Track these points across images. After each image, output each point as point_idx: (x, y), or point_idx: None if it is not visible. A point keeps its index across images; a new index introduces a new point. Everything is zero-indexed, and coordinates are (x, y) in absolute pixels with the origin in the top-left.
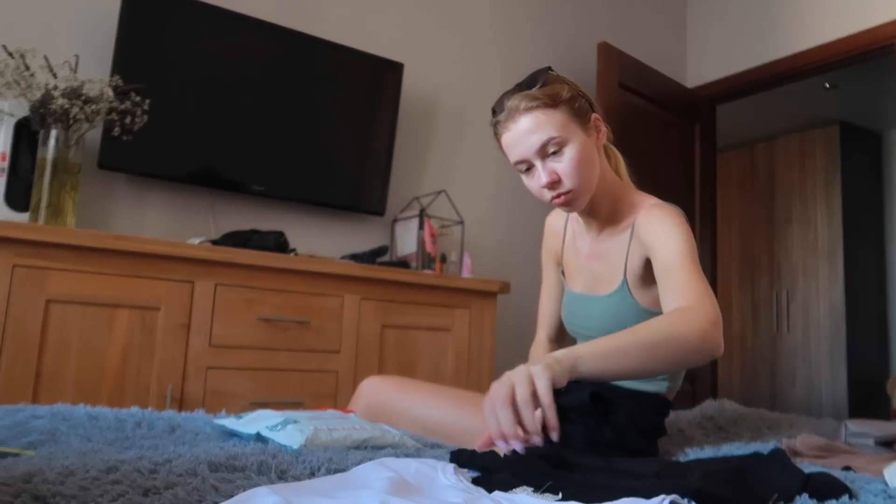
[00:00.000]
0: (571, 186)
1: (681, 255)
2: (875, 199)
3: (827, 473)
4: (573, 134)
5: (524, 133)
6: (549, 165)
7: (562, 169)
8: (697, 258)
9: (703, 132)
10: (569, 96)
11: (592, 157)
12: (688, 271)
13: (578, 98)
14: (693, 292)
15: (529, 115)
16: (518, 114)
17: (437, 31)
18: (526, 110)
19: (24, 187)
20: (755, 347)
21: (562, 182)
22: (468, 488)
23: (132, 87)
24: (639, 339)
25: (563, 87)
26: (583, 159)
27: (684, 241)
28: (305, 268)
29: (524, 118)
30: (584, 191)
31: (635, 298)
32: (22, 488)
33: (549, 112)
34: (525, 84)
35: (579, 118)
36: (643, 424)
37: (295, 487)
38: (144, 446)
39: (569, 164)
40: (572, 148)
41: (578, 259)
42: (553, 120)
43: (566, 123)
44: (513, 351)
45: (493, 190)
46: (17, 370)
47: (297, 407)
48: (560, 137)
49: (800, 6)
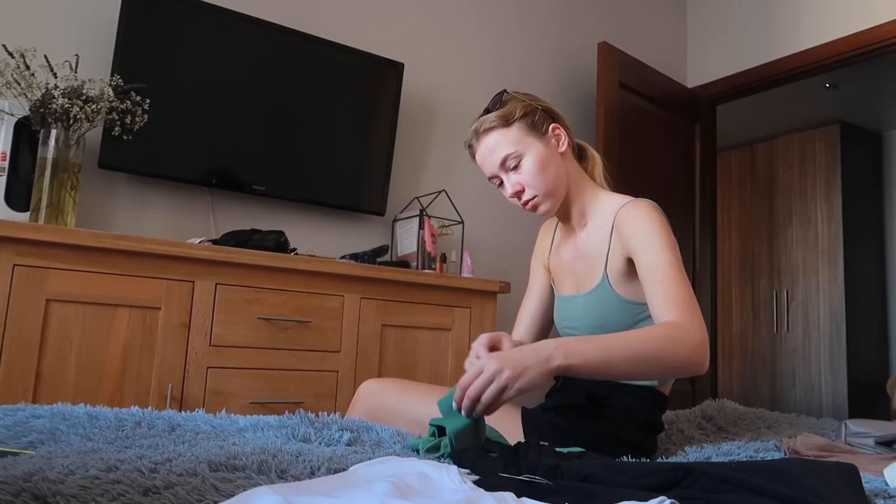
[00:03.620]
0: (535, 193)
1: (665, 264)
2: (875, 199)
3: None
4: (529, 146)
5: (487, 152)
6: (512, 178)
7: (523, 179)
8: (680, 260)
9: (703, 132)
10: (521, 114)
11: (550, 163)
12: (672, 280)
13: (534, 113)
14: (681, 308)
15: (487, 136)
16: (480, 136)
17: (437, 31)
18: (484, 132)
19: (24, 187)
20: (755, 347)
21: (525, 191)
22: (472, 489)
23: (132, 87)
24: (629, 353)
25: (517, 105)
26: (540, 167)
27: (666, 245)
28: (305, 267)
29: (484, 139)
30: (548, 194)
31: (617, 292)
32: (22, 487)
33: (504, 131)
34: (487, 108)
35: (535, 131)
36: (639, 416)
37: (295, 487)
38: (144, 446)
39: (528, 174)
40: (529, 159)
41: (563, 264)
42: (508, 138)
43: (521, 138)
44: None
45: (493, 190)
46: (17, 370)
47: (297, 406)
48: (516, 152)
49: (800, 6)
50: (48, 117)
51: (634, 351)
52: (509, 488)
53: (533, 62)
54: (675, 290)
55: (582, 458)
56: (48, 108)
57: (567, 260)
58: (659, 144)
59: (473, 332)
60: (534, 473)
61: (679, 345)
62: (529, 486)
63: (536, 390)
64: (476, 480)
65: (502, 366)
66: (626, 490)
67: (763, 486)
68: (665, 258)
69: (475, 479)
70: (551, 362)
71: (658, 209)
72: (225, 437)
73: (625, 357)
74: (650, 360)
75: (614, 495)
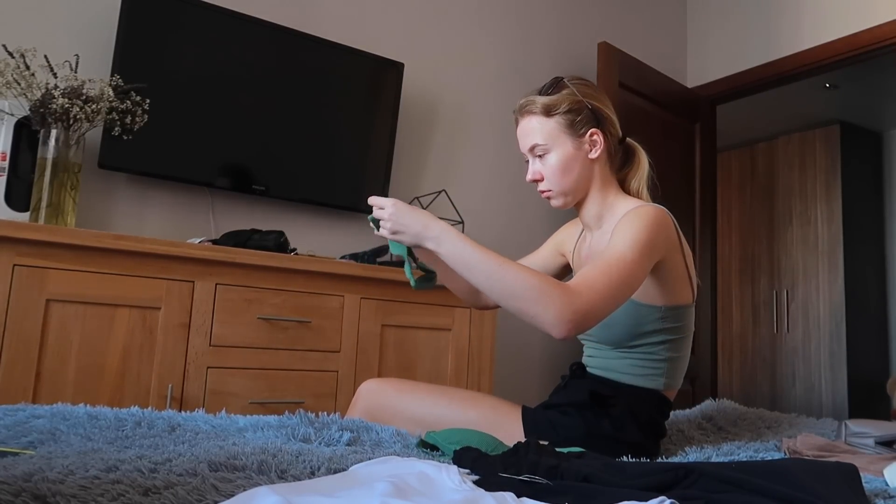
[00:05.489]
0: (549, 187)
1: (616, 252)
2: (875, 199)
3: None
4: (560, 144)
5: (522, 133)
6: (536, 165)
7: (543, 171)
8: (639, 260)
9: (703, 132)
10: (566, 109)
11: (574, 167)
12: (608, 263)
13: (580, 111)
14: (590, 284)
15: (525, 118)
16: (521, 114)
17: (437, 31)
18: (525, 112)
19: (24, 187)
20: (755, 347)
21: (542, 181)
22: (472, 489)
23: (132, 87)
24: (492, 275)
25: (566, 99)
26: (563, 168)
27: (633, 243)
28: (305, 267)
29: (523, 119)
30: (561, 193)
31: None
32: (22, 487)
33: (543, 120)
34: (540, 89)
35: (572, 130)
36: (641, 417)
37: (295, 487)
38: (144, 446)
39: (549, 169)
40: (555, 156)
41: (580, 261)
42: (544, 128)
43: (556, 134)
44: (513, 350)
45: (492, 190)
46: (17, 370)
47: (297, 406)
48: (545, 146)
49: (800, 6)
50: (48, 117)
51: (499, 276)
52: (509, 488)
53: (533, 62)
54: (601, 270)
55: (582, 458)
56: (48, 108)
57: (583, 258)
58: (659, 144)
59: (473, 332)
60: (534, 473)
61: (547, 304)
62: (529, 486)
63: (539, 390)
64: (476, 480)
65: (390, 217)
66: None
67: (763, 486)
68: (620, 250)
69: (475, 479)
70: (424, 242)
71: (658, 215)
72: (225, 437)
73: (486, 275)
74: (507, 294)
75: (614, 495)
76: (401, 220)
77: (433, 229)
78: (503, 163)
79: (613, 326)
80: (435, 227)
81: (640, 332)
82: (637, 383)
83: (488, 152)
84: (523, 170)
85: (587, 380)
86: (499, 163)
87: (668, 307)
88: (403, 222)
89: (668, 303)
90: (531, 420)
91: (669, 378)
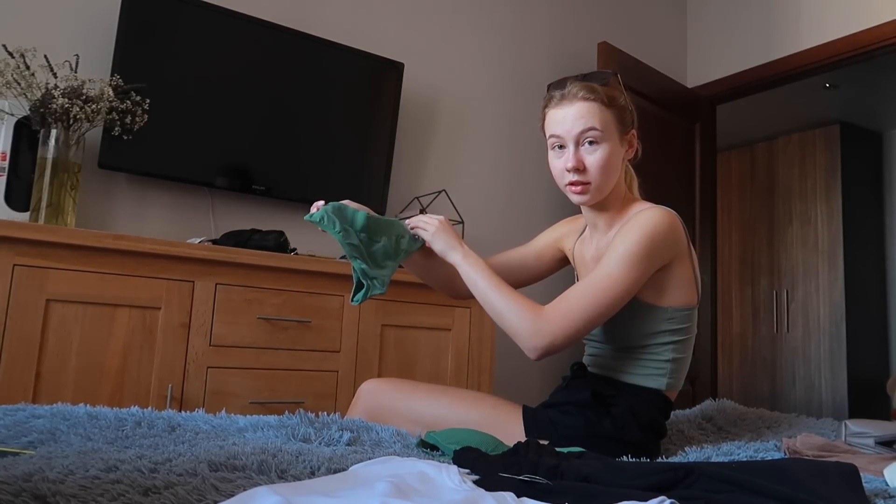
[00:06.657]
0: (590, 180)
1: (604, 276)
2: (875, 199)
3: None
4: (611, 138)
5: (573, 117)
6: (580, 153)
7: (589, 161)
8: (629, 282)
9: (703, 132)
10: (622, 104)
11: (616, 164)
12: (588, 289)
13: (628, 111)
14: (563, 311)
15: (584, 103)
16: (575, 98)
17: (437, 31)
18: (583, 98)
19: (24, 187)
20: (755, 347)
21: (585, 172)
22: (472, 489)
23: (132, 87)
24: (488, 296)
25: (621, 95)
26: (608, 163)
27: (625, 261)
28: (305, 267)
29: (579, 104)
30: (599, 189)
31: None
32: (22, 487)
33: (602, 108)
34: (591, 77)
35: (621, 126)
36: (642, 417)
37: (295, 487)
38: (144, 446)
39: (596, 160)
40: (605, 148)
41: (585, 261)
42: (602, 117)
43: (610, 126)
44: (513, 350)
45: (492, 190)
46: (17, 370)
47: (297, 406)
48: (600, 133)
49: (800, 6)
50: (48, 117)
51: (493, 297)
52: (509, 488)
53: (533, 62)
54: (580, 296)
55: (582, 458)
56: (48, 108)
57: (588, 258)
58: (659, 144)
59: (473, 332)
60: (534, 473)
61: (520, 328)
62: (529, 486)
63: (539, 390)
64: (476, 480)
65: (441, 223)
66: (626, 490)
67: (763, 486)
68: (609, 272)
69: (475, 479)
70: (450, 256)
71: (665, 221)
72: (225, 437)
73: (482, 296)
74: (494, 313)
75: (614, 495)
76: (447, 230)
77: (463, 247)
78: (503, 163)
79: (620, 327)
80: (465, 246)
81: (647, 333)
82: (639, 383)
83: (488, 152)
84: (523, 170)
85: (588, 379)
86: (499, 163)
87: (675, 308)
88: (448, 232)
89: (676, 304)
90: (532, 419)
91: (672, 378)
